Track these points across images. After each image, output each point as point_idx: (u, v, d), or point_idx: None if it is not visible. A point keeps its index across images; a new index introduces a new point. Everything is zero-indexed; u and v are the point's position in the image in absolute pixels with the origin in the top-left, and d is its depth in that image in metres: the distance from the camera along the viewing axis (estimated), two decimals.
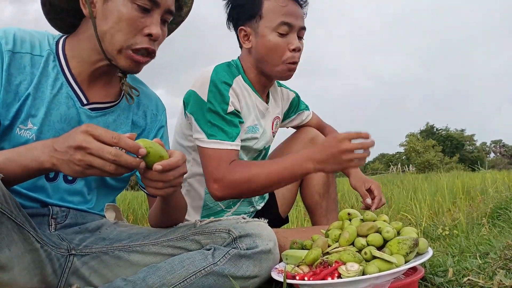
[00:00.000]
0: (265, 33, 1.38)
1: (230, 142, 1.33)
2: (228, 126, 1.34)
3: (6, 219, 0.74)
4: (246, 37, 1.44)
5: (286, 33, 1.37)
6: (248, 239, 0.96)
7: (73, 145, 0.73)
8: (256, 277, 0.96)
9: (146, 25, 0.97)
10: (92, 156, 0.73)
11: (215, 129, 1.33)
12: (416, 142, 37.43)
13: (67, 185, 1.03)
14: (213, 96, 1.33)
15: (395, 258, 0.89)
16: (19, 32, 0.98)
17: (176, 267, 0.92)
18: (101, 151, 0.73)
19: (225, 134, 1.32)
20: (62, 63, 1.02)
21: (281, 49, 1.37)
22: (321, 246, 1.00)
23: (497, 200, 2.59)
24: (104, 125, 1.07)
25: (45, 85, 0.99)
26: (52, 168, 0.77)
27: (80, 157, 0.73)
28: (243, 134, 1.44)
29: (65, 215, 1.03)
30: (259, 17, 1.38)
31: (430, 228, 2.18)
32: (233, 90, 1.38)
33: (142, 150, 0.76)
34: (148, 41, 0.98)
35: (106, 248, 1.01)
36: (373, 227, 1.00)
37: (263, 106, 1.53)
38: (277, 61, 1.39)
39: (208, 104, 1.33)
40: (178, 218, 1.11)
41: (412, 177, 6.60)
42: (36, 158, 0.77)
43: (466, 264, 1.13)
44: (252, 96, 1.48)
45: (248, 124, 1.46)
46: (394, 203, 3.52)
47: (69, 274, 0.95)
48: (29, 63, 0.97)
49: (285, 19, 1.35)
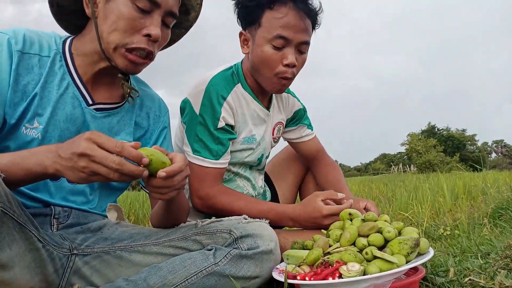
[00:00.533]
0: (260, 43, 1.32)
1: (213, 161, 1.34)
2: (214, 143, 1.34)
3: (8, 218, 0.74)
4: (245, 42, 1.41)
5: (281, 47, 1.30)
6: (249, 240, 0.97)
7: (77, 152, 0.74)
8: (257, 278, 0.96)
9: (146, 25, 0.96)
10: (96, 164, 0.73)
11: (200, 145, 1.34)
12: (417, 142, 37.34)
13: (69, 184, 1.04)
14: (205, 110, 1.33)
15: (396, 258, 0.89)
16: (28, 33, 0.99)
17: (177, 267, 0.92)
18: (105, 160, 0.73)
19: (209, 152, 1.34)
20: (68, 63, 1.02)
21: (273, 63, 1.32)
22: (322, 246, 1.00)
23: (499, 200, 2.58)
24: (109, 126, 1.08)
25: (52, 85, 0.99)
26: (56, 173, 0.78)
27: (84, 164, 0.74)
28: (238, 145, 1.44)
29: (67, 215, 1.04)
30: (258, 25, 1.33)
31: (431, 228, 2.17)
32: (228, 104, 1.36)
33: (145, 159, 0.76)
34: (146, 41, 0.97)
35: (108, 248, 1.01)
36: (374, 227, 1.00)
37: (263, 113, 1.51)
38: (269, 73, 1.34)
39: (199, 117, 1.33)
40: (180, 218, 1.11)
41: (414, 177, 6.60)
42: (40, 163, 0.78)
43: (467, 264, 1.13)
44: (251, 104, 1.46)
45: (243, 135, 1.45)
46: (396, 203, 3.52)
47: (71, 274, 0.96)
48: (37, 64, 0.98)
49: (281, 33, 1.28)
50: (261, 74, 1.37)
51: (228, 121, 1.36)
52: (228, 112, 1.36)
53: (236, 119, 1.41)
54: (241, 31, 1.41)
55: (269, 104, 1.55)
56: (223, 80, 1.38)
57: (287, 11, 1.29)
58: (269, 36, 1.30)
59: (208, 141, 1.34)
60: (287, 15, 1.29)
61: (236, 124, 1.41)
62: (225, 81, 1.39)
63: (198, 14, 1.16)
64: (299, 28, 1.30)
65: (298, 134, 1.71)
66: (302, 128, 1.70)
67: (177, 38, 1.20)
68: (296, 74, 1.39)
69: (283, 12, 1.29)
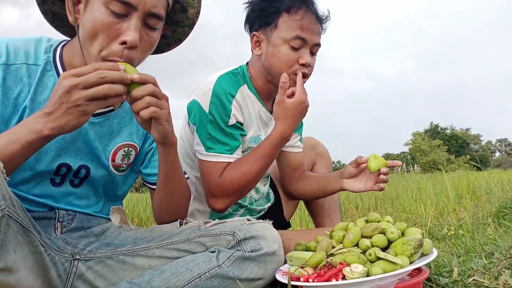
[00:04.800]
0: (277, 43, 1.37)
1: (228, 155, 1.34)
2: (228, 138, 1.35)
3: (13, 222, 0.75)
4: (257, 43, 1.43)
5: (298, 47, 1.36)
6: (253, 241, 0.96)
7: (63, 92, 0.76)
8: (260, 279, 0.96)
9: (122, 31, 0.89)
10: (85, 90, 0.76)
11: (213, 142, 1.34)
12: (421, 142, 37.23)
13: (73, 189, 1.04)
14: (215, 108, 1.34)
15: (400, 259, 0.89)
16: (12, 42, 0.96)
17: (180, 269, 0.93)
18: (89, 79, 0.77)
19: (224, 147, 1.33)
20: (59, 71, 0.99)
21: (290, 62, 1.37)
22: (325, 247, 1.00)
23: (503, 199, 2.57)
24: (109, 129, 1.08)
25: (42, 96, 0.97)
26: (51, 133, 0.79)
27: (76, 96, 0.76)
28: (246, 144, 1.44)
29: (71, 219, 1.04)
30: (274, 26, 1.37)
31: (435, 228, 2.17)
32: (236, 101, 1.37)
33: (121, 66, 0.82)
34: (123, 50, 0.90)
35: (111, 253, 1.01)
36: (378, 228, 1.00)
37: (267, 116, 1.52)
38: (286, 71, 1.35)
39: (209, 116, 1.34)
40: (180, 205, 1.11)
41: (417, 177, 6.58)
42: (33, 130, 0.79)
43: (472, 264, 1.13)
44: (256, 105, 1.47)
45: (251, 135, 1.46)
46: (399, 203, 3.51)
47: (75, 279, 0.96)
48: (25, 73, 0.95)
49: (300, 34, 1.34)
50: (276, 73, 1.38)
51: (238, 118, 1.38)
52: (237, 109, 1.38)
53: (244, 117, 1.42)
54: (254, 32, 1.43)
55: (272, 107, 1.55)
56: (229, 79, 1.41)
57: (304, 14, 1.36)
58: (287, 37, 1.35)
59: (221, 137, 1.34)
60: (304, 18, 1.35)
61: (244, 122, 1.42)
62: (232, 81, 1.41)
63: (198, 10, 1.10)
64: (315, 30, 1.38)
65: (291, 143, 1.67)
66: (296, 138, 1.67)
67: (182, 37, 1.15)
68: (310, 75, 1.43)
69: (301, 14, 1.36)
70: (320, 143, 1.79)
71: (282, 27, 1.36)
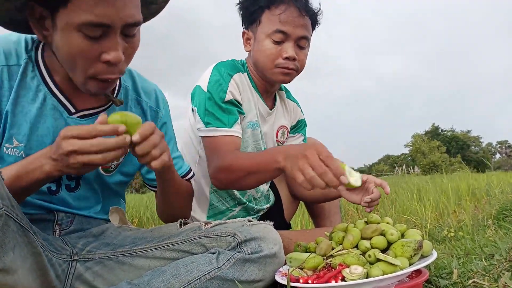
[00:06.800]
0: (261, 39, 1.41)
1: (225, 129, 1.35)
2: (224, 113, 1.37)
3: (12, 222, 0.75)
4: (248, 41, 1.49)
5: (281, 41, 1.38)
6: (253, 243, 0.96)
7: (63, 153, 0.77)
8: (260, 281, 0.95)
9: (103, 50, 0.83)
10: (82, 155, 0.76)
11: (211, 117, 1.36)
12: (421, 143, 37.27)
13: (70, 193, 1.03)
14: (212, 85, 1.38)
15: (399, 261, 0.89)
16: None
17: (180, 271, 0.92)
18: (88, 147, 0.76)
19: (220, 122, 1.35)
20: (43, 72, 0.93)
21: (273, 56, 1.40)
22: (324, 249, 1.00)
23: (503, 201, 2.57)
24: None
25: (25, 99, 0.92)
26: (60, 174, 0.82)
27: (73, 160, 0.77)
28: (244, 128, 1.46)
29: (70, 221, 1.04)
30: (259, 22, 1.43)
31: (435, 229, 2.16)
32: (234, 81, 1.41)
33: (121, 128, 0.79)
34: (107, 68, 0.85)
35: (110, 254, 1.01)
36: (377, 229, 1.00)
37: (265, 110, 1.54)
38: (270, 65, 1.41)
39: (207, 93, 1.37)
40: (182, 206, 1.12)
41: (417, 179, 6.58)
42: (43, 170, 0.81)
43: (471, 266, 1.13)
44: (255, 96, 1.50)
45: (249, 119, 1.48)
46: (399, 204, 3.51)
47: (73, 279, 0.96)
48: (6, 77, 0.90)
49: (280, 27, 1.37)
50: (263, 67, 1.43)
51: (236, 96, 1.40)
52: (235, 88, 1.41)
53: (243, 99, 1.45)
54: (244, 30, 1.50)
55: (272, 105, 1.58)
56: (230, 63, 1.48)
57: (286, 8, 1.38)
58: (269, 31, 1.39)
59: (218, 113, 1.36)
60: (285, 11, 1.38)
61: (242, 103, 1.45)
62: (232, 65, 1.47)
63: None
64: (298, 23, 1.39)
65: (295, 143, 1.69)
66: (300, 138, 1.70)
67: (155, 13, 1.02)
68: (301, 69, 1.46)
69: (282, 9, 1.38)
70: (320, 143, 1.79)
71: (264, 23, 1.41)
